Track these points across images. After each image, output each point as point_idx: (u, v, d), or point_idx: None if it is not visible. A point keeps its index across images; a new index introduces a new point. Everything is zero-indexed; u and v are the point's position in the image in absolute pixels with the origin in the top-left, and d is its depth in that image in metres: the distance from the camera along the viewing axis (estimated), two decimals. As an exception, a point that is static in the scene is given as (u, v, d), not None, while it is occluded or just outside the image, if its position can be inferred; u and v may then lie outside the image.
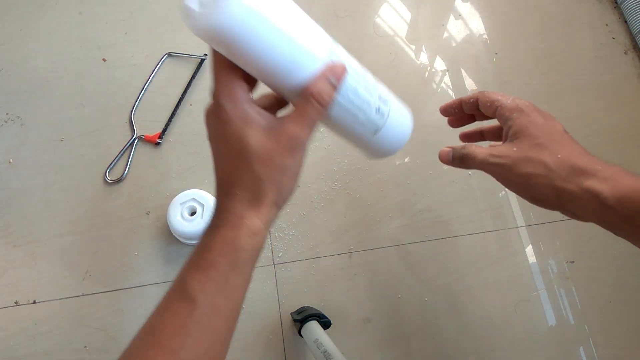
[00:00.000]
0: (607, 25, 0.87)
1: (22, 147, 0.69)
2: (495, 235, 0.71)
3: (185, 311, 0.28)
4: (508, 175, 0.39)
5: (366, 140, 0.37)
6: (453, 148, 0.44)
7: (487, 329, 0.67)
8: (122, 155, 0.70)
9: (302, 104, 0.31)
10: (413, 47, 0.82)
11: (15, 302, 0.62)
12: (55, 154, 0.69)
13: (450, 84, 0.80)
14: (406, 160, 0.74)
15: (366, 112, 0.35)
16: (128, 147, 0.70)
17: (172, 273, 0.65)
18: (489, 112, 0.43)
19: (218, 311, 0.29)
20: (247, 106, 0.30)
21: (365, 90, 0.34)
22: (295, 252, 0.67)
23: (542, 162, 0.37)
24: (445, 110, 0.48)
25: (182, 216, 0.63)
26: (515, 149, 0.38)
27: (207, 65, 0.76)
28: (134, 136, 0.71)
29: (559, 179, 0.36)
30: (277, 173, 0.31)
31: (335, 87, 0.31)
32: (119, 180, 0.68)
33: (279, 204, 0.32)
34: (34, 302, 0.62)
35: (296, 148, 0.31)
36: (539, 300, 0.69)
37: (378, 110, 0.35)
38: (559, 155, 0.37)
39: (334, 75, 0.31)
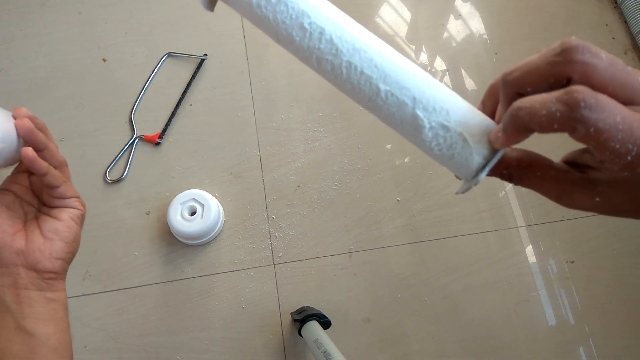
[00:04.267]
0: (607, 25, 0.87)
1: (22, 147, 0.69)
2: (495, 235, 0.71)
3: None
4: None
5: None
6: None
7: (487, 329, 0.67)
8: (122, 155, 0.70)
9: None
10: (413, 47, 0.82)
11: (15, 302, 0.62)
12: (55, 154, 0.69)
13: (450, 84, 0.80)
14: (406, 160, 0.74)
15: None
16: (128, 147, 0.70)
17: (172, 273, 0.65)
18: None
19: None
20: None
21: None
22: (295, 252, 0.67)
23: None
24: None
25: (182, 216, 0.63)
26: None
27: (207, 66, 0.76)
28: (134, 136, 0.71)
29: None
30: None
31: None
32: (119, 180, 0.68)
33: None
34: (34, 302, 0.62)
35: None
36: (539, 300, 0.69)
37: None
38: None
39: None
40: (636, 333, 0.68)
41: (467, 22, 0.85)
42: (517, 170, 0.25)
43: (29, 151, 0.34)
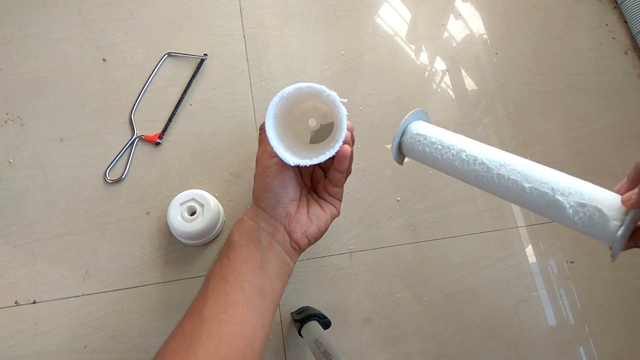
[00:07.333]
0: (607, 25, 0.87)
1: (22, 147, 0.69)
2: (495, 235, 0.71)
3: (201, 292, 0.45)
4: None
5: None
6: None
7: (487, 329, 0.67)
8: (122, 155, 0.70)
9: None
10: (413, 47, 0.82)
11: (15, 302, 0.62)
12: (55, 154, 0.69)
13: (450, 84, 0.80)
14: (406, 160, 0.74)
15: None
16: (128, 147, 0.70)
17: (172, 273, 0.65)
18: None
19: (216, 277, 0.43)
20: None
21: None
22: (295, 252, 0.67)
23: None
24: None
25: (182, 216, 0.63)
26: None
27: (207, 66, 0.76)
28: (134, 136, 0.71)
29: None
30: (254, 185, 0.47)
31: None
32: (119, 180, 0.68)
33: (257, 203, 0.46)
34: (34, 302, 0.62)
35: (260, 170, 0.47)
36: (539, 300, 0.69)
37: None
38: None
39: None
40: (636, 333, 0.68)
41: (467, 22, 0.85)
42: None
43: (348, 148, 0.43)
